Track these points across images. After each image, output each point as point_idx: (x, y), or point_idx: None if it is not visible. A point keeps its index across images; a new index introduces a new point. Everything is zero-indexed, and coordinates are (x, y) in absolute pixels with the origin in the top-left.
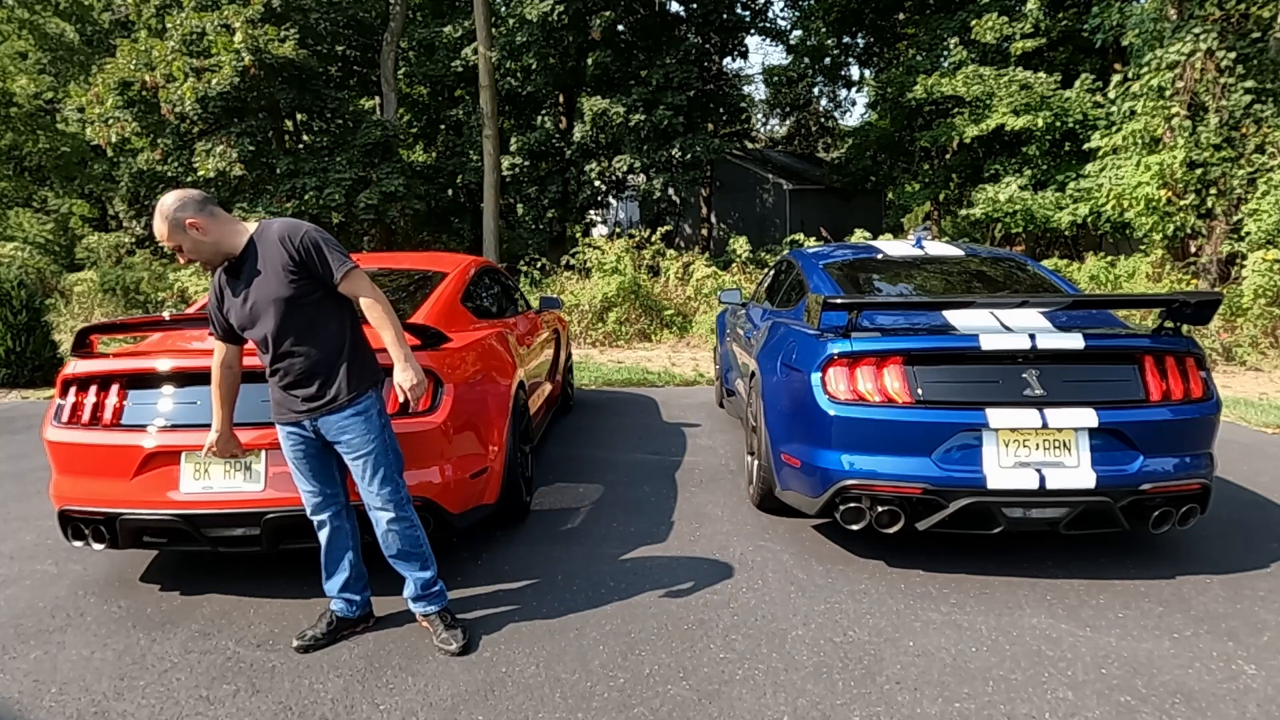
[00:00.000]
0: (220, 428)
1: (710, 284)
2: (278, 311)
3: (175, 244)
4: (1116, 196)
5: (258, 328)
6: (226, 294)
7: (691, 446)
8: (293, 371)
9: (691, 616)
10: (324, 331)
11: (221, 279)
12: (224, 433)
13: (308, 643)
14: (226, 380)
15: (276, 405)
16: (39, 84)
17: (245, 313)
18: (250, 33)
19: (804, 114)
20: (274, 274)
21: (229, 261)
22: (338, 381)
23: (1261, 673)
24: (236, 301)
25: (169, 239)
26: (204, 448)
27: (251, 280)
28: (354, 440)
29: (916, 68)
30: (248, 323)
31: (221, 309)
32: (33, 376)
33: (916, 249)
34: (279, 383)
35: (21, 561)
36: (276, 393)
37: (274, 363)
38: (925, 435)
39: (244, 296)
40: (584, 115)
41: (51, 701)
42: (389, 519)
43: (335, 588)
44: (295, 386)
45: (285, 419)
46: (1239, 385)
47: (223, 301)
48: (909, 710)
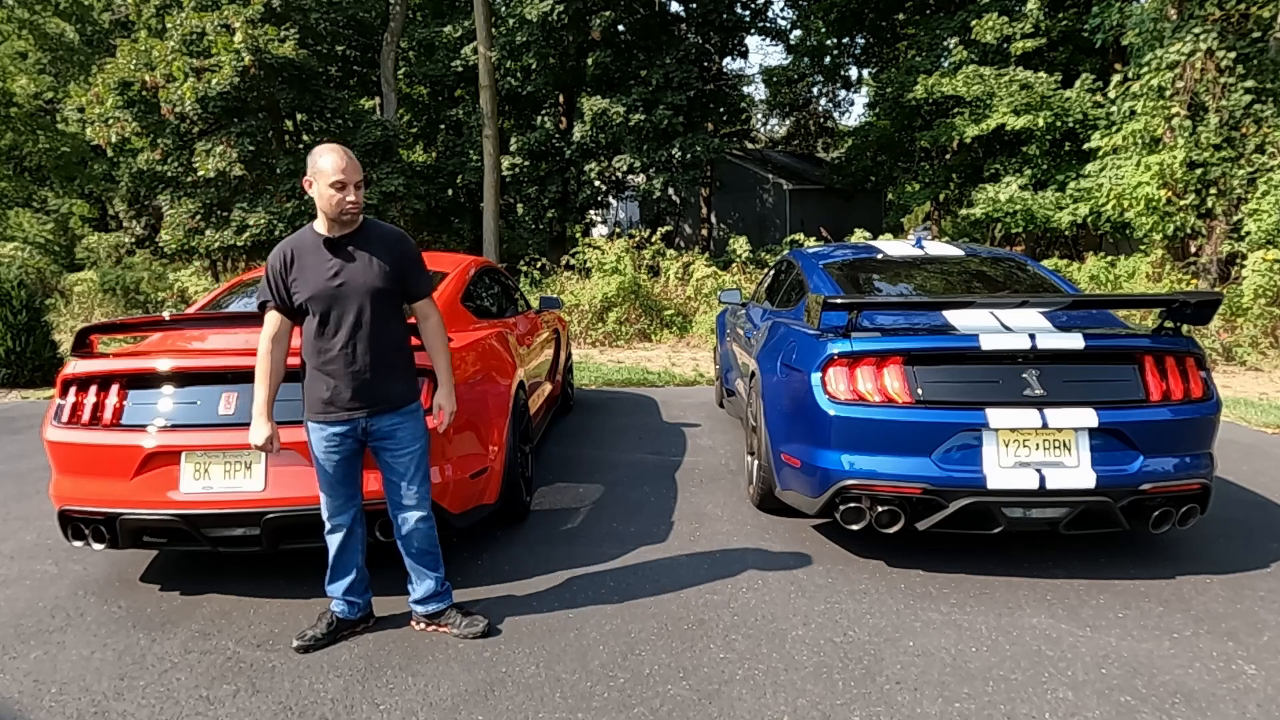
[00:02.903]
0: (264, 410)
1: (710, 284)
2: (368, 300)
3: (358, 183)
4: (1116, 196)
5: (336, 307)
6: (303, 264)
7: (691, 446)
8: (360, 362)
9: (691, 616)
10: (396, 333)
11: (300, 250)
12: (268, 415)
13: (308, 643)
14: (275, 356)
15: (325, 403)
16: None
17: (329, 287)
18: (250, 33)
19: (804, 114)
20: (378, 265)
21: (336, 235)
22: (402, 381)
23: (1261, 673)
24: (319, 273)
25: (359, 174)
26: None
27: (350, 261)
28: (405, 438)
29: (916, 68)
30: (326, 299)
31: (287, 278)
32: (33, 376)
33: (916, 249)
34: (342, 370)
35: (21, 561)
36: (329, 388)
37: (343, 348)
38: (925, 435)
39: (334, 272)
40: (584, 115)
41: (51, 701)
42: (419, 517)
43: (341, 590)
44: (361, 380)
45: (335, 417)
46: (1239, 385)
47: (290, 270)
48: (909, 710)
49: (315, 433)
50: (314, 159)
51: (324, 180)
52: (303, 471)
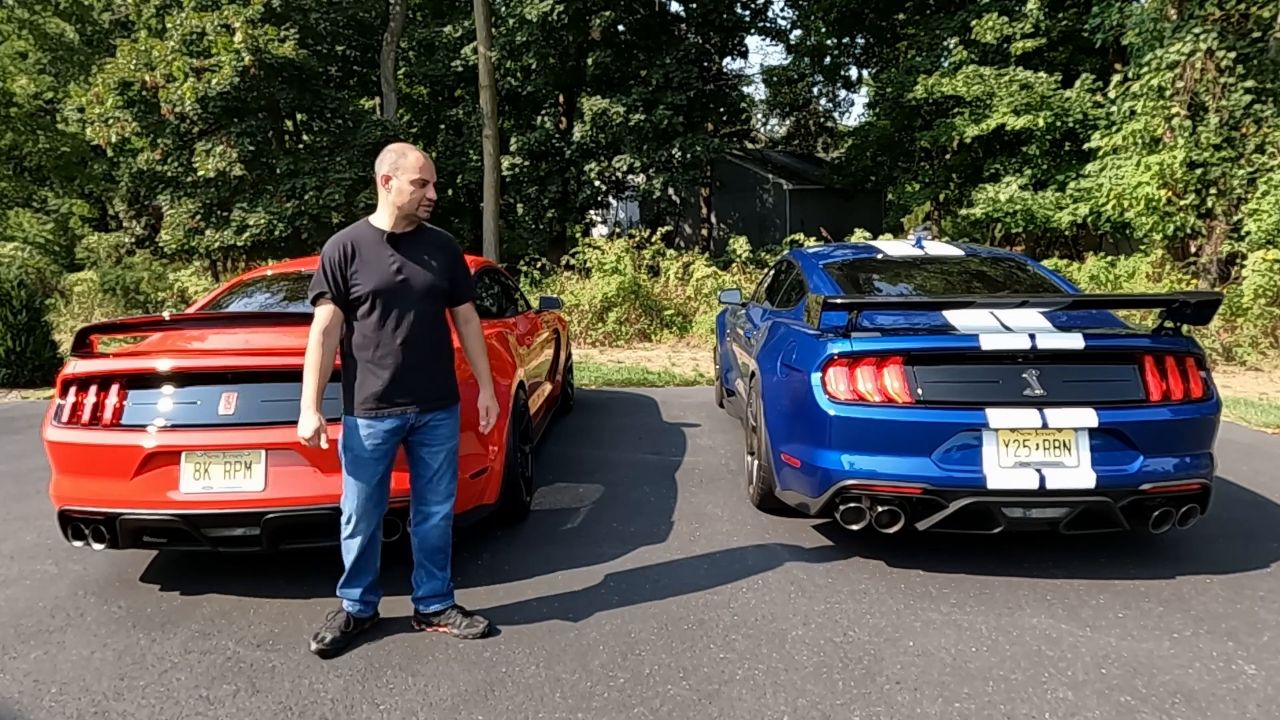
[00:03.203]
0: (314, 403)
1: (710, 284)
2: (425, 298)
3: (435, 182)
4: (1116, 196)
5: (396, 302)
6: (364, 257)
7: (691, 446)
8: (421, 360)
9: (691, 616)
10: (445, 333)
11: (360, 243)
12: (318, 407)
13: (328, 646)
14: (326, 348)
15: (379, 398)
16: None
17: (393, 282)
18: (250, 33)
19: (804, 114)
20: (435, 265)
21: (398, 231)
22: (449, 378)
23: (1261, 673)
24: (382, 267)
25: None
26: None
27: (411, 257)
28: (444, 435)
29: (916, 68)
30: (388, 294)
31: (347, 270)
32: (33, 376)
33: (916, 249)
34: (401, 365)
35: (21, 561)
36: (384, 383)
37: (402, 343)
38: (925, 435)
39: (397, 267)
40: (584, 115)
41: (51, 701)
42: (443, 514)
43: (359, 591)
44: (416, 376)
45: (389, 412)
46: (1239, 385)
47: (350, 263)
48: (909, 710)
49: (363, 429)
50: (396, 155)
51: (407, 176)
52: (303, 471)
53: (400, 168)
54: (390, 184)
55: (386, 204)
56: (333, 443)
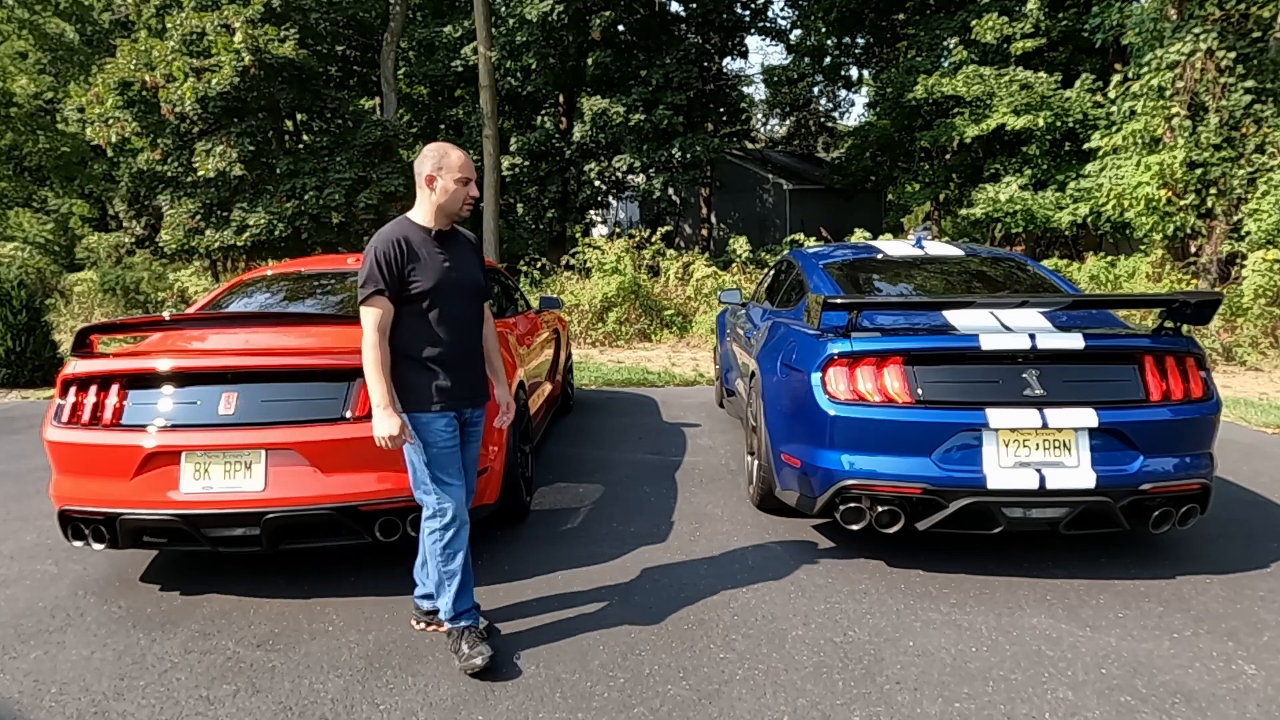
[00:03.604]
0: (390, 402)
1: (710, 284)
2: (471, 295)
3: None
4: (1116, 196)
5: (449, 299)
6: (417, 254)
7: (691, 446)
8: (471, 357)
9: (691, 616)
10: (480, 329)
11: (411, 240)
12: (395, 407)
13: (490, 660)
14: (384, 347)
15: (440, 393)
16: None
17: (449, 278)
18: (250, 33)
19: (804, 114)
20: (473, 263)
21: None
22: (485, 376)
23: (1261, 673)
24: (435, 264)
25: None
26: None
27: (457, 255)
28: (478, 431)
29: (916, 68)
30: (444, 291)
31: (404, 267)
32: (33, 376)
33: (916, 249)
34: (456, 361)
35: (21, 561)
36: (441, 378)
37: (456, 339)
38: (925, 435)
39: (448, 265)
40: (584, 115)
41: (51, 701)
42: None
43: (472, 594)
44: (471, 372)
45: (450, 406)
46: (1239, 385)
47: (406, 259)
48: (909, 710)
49: (431, 423)
50: (439, 155)
51: (452, 175)
52: (303, 472)
53: (445, 167)
54: (435, 184)
55: (429, 203)
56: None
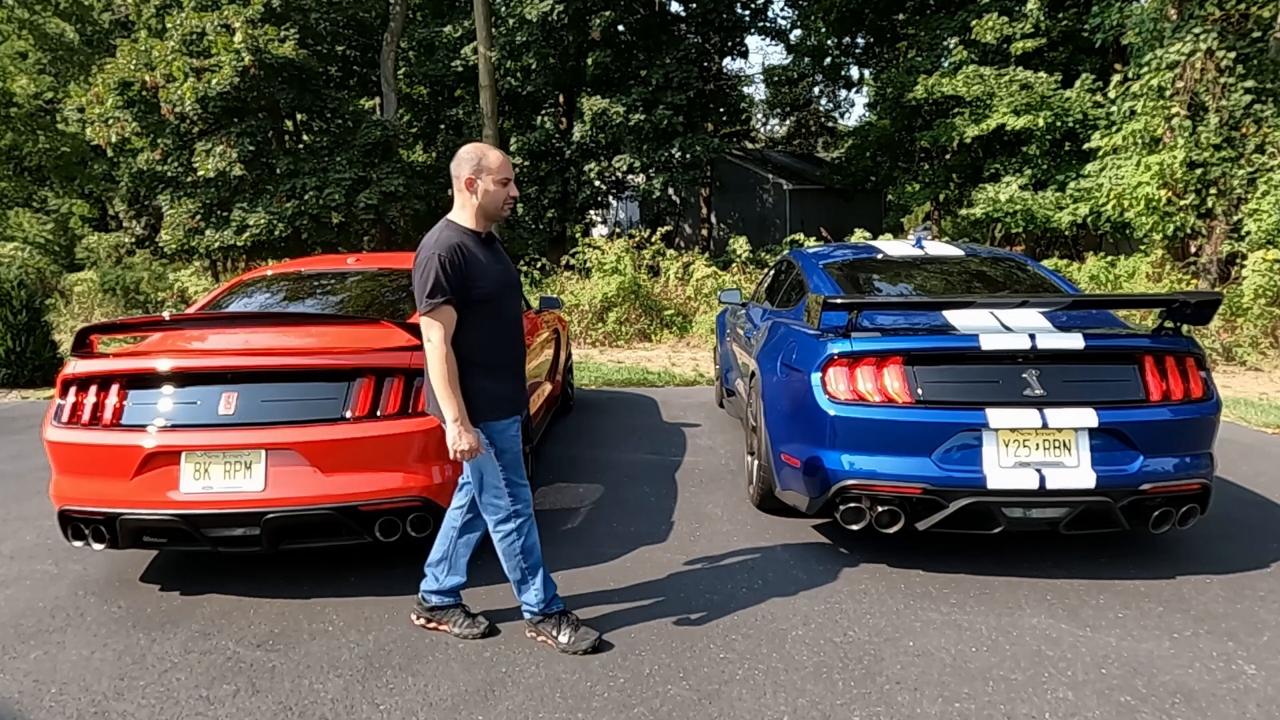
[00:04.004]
0: (464, 414)
1: (710, 284)
2: (519, 297)
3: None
4: (1117, 196)
5: (507, 303)
6: (476, 259)
7: (691, 446)
8: (522, 352)
9: (691, 616)
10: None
11: (469, 245)
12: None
13: (598, 639)
14: (454, 359)
15: (509, 400)
16: (39, 84)
17: (506, 281)
18: (250, 33)
19: (804, 114)
20: (510, 263)
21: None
22: None
23: (1261, 673)
24: (492, 268)
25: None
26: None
27: (500, 256)
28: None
29: (916, 68)
30: (504, 295)
31: (468, 273)
32: (33, 376)
33: (916, 249)
34: (517, 365)
35: (21, 561)
36: (509, 384)
37: (515, 343)
38: (925, 435)
39: (502, 267)
40: (584, 115)
41: (51, 701)
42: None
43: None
44: (523, 374)
45: (516, 410)
46: (1239, 385)
47: (469, 265)
48: (909, 710)
49: (506, 429)
50: (477, 157)
51: (493, 177)
52: (303, 472)
53: (484, 169)
54: (475, 186)
55: (469, 206)
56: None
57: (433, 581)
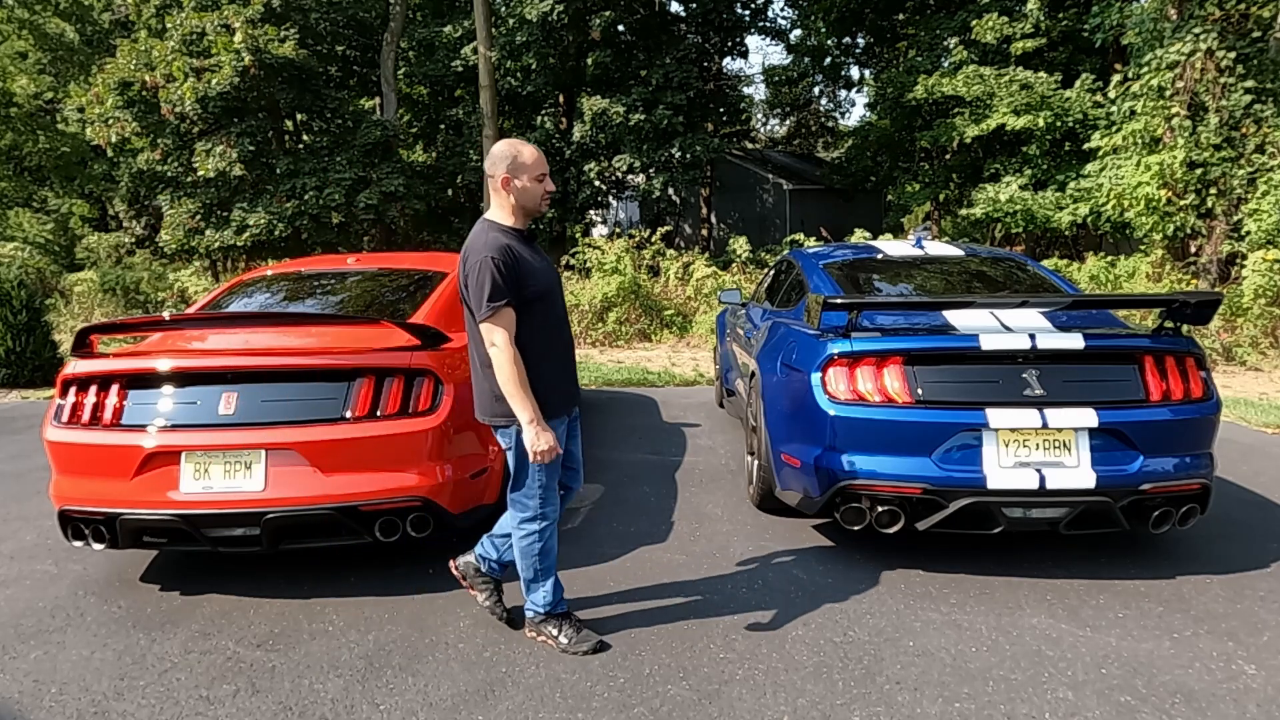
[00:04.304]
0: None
1: (710, 284)
2: (562, 292)
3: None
4: (1117, 196)
5: (557, 299)
6: (524, 258)
7: (691, 446)
8: (571, 354)
9: (691, 616)
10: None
11: (517, 244)
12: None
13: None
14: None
15: (569, 396)
16: (39, 84)
17: (551, 278)
18: (250, 33)
19: (804, 114)
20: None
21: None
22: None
23: (1261, 673)
24: (540, 266)
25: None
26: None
27: (542, 255)
28: (578, 423)
29: (917, 68)
30: (555, 291)
31: (521, 272)
32: (33, 376)
33: (916, 249)
34: (569, 361)
35: (21, 561)
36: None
37: (564, 338)
38: (925, 435)
39: (546, 265)
40: (584, 115)
41: (51, 701)
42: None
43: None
44: (574, 369)
45: (567, 409)
46: (1239, 385)
47: (519, 264)
48: (909, 710)
49: (555, 429)
50: (511, 154)
51: (530, 174)
52: (303, 472)
53: (521, 167)
54: (512, 184)
55: (507, 204)
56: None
57: (492, 550)
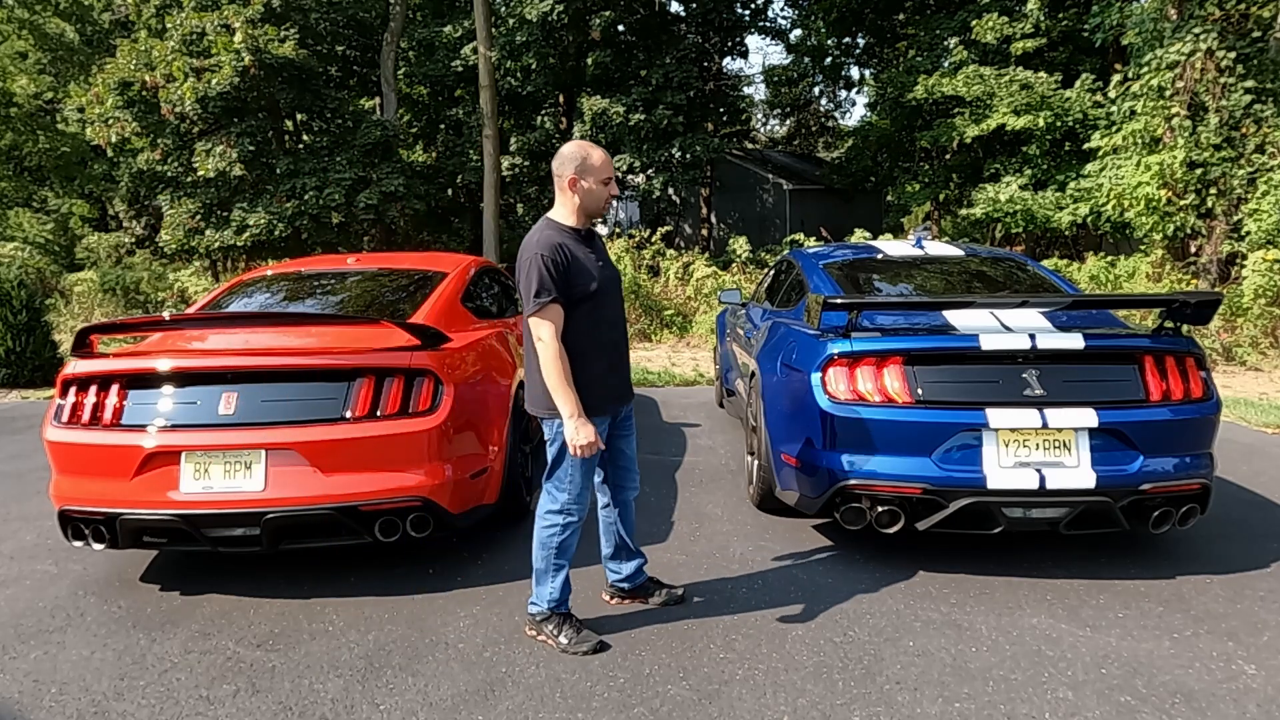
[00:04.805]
0: (581, 409)
1: (710, 284)
2: (618, 291)
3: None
4: (1117, 196)
5: (608, 298)
6: (576, 256)
7: (691, 446)
8: (621, 353)
9: (691, 616)
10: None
11: (572, 243)
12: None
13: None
14: (566, 356)
15: (614, 393)
16: (39, 84)
17: (606, 277)
18: (250, 33)
19: (804, 114)
20: (610, 258)
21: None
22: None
23: (1261, 673)
24: (592, 265)
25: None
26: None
27: (600, 252)
28: (632, 423)
29: (917, 68)
30: (605, 290)
31: (570, 271)
32: (33, 376)
33: (916, 249)
34: (619, 359)
35: (21, 561)
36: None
37: (619, 338)
38: (925, 435)
39: (602, 264)
40: (584, 115)
41: (51, 701)
42: (635, 495)
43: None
44: (624, 368)
45: (611, 409)
46: (1239, 385)
47: (571, 263)
48: (909, 710)
49: (599, 425)
50: (580, 157)
51: (597, 176)
52: (303, 472)
53: (588, 170)
54: (578, 186)
55: (571, 205)
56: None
57: (616, 571)
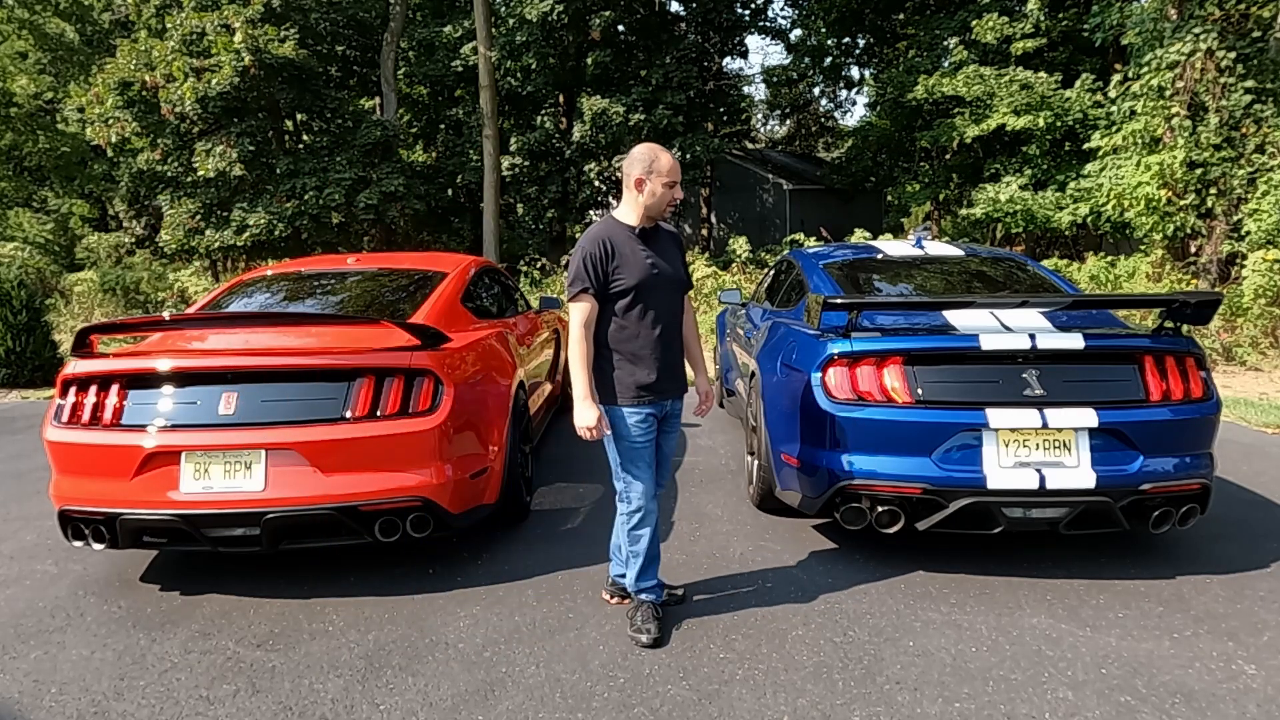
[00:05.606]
0: (591, 394)
1: (710, 284)
2: (673, 289)
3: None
4: (1117, 196)
5: (652, 295)
6: (622, 253)
7: (691, 446)
8: (673, 349)
9: (692, 616)
10: (681, 322)
11: (615, 239)
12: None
13: (660, 635)
14: (589, 341)
15: (641, 387)
16: (39, 84)
17: (651, 275)
18: (250, 33)
19: (804, 114)
20: (674, 258)
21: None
22: (684, 366)
23: (1261, 673)
24: (639, 262)
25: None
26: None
27: (658, 252)
28: (677, 421)
29: (917, 68)
30: (647, 287)
31: (609, 266)
32: (33, 376)
33: (916, 249)
34: (658, 355)
35: (21, 561)
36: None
37: (659, 334)
38: (925, 435)
39: (651, 262)
40: (584, 115)
41: (51, 701)
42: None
43: (657, 574)
44: (674, 364)
45: (650, 400)
46: (1239, 385)
47: (612, 259)
48: (909, 710)
49: (631, 417)
50: (649, 159)
51: (661, 179)
52: (303, 472)
53: (654, 171)
54: (643, 186)
55: (635, 204)
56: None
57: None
